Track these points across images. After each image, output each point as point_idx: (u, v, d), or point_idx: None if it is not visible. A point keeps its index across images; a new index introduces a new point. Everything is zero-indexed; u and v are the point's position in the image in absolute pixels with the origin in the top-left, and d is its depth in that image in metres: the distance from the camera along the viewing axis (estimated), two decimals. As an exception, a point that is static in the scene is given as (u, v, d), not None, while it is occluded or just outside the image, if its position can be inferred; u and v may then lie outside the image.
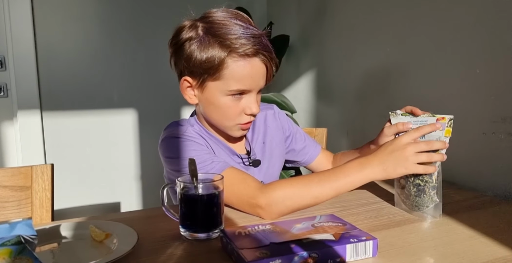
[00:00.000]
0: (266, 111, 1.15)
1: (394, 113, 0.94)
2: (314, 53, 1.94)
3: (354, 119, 1.72)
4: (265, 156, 1.09)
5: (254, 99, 0.94)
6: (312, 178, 0.88)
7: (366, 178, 0.86)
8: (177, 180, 0.79)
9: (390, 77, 1.50)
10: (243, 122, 0.96)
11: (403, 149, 0.84)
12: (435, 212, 0.90)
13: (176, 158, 0.94)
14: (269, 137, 1.12)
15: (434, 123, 0.86)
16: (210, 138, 1.02)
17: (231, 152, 1.03)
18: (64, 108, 2.00)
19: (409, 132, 0.87)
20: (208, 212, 0.80)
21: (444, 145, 0.85)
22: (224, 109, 0.94)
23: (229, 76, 0.89)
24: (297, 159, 1.20)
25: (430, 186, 0.88)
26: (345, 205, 1.00)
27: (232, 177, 0.90)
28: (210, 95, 0.94)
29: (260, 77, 0.93)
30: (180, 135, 0.96)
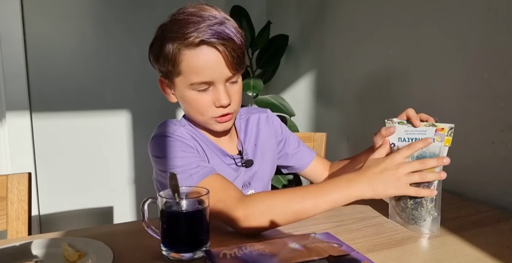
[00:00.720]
0: (260, 114, 1.12)
1: (390, 121, 0.87)
2: (314, 54, 1.88)
3: (354, 124, 1.65)
4: (255, 159, 1.06)
5: (221, 90, 0.90)
6: (295, 192, 0.83)
7: (353, 196, 0.80)
8: (158, 195, 0.73)
9: (393, 80, 1.43)
10: (217, 115, 0.92)
11: (394, 169, 0.80)
12: (432, 226, 0.84)
13: (163, 158, 0.90)
14: (261, 140, 1.08)
15: (426, 139, 0.81)
16: (201, 139, 0.98)
17: (223, 153, 0.99)
18: (55, 109, 1.94)
19: (401, 150, 0.82)
20: (192, 230, 0.74)
21: (438, 162, 0.80)
22: (193, 103, 0.92)
23: (186, 69, 0.88)
24: (290, 164, 1.15)
25: (428, 198, 0.83)
26: (342, 219, 0.93)
27: (214, 185, 0.84)
28: (179, 92, 0.93)
29: (218, 66, 0.88)
30: (170, 134, 0.93)
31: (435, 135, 0.82)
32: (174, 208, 0.73)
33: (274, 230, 0.83)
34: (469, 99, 1.15)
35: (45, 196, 1.95)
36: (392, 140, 0.87)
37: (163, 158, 0.90)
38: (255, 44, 1.91)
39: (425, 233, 0.84)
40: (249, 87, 1.72)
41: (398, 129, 0.86)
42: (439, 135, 0.81)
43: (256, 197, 0.83)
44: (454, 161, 0.79)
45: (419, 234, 0.84)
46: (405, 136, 0.85)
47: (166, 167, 0.89)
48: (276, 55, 1.91)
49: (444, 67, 1.23)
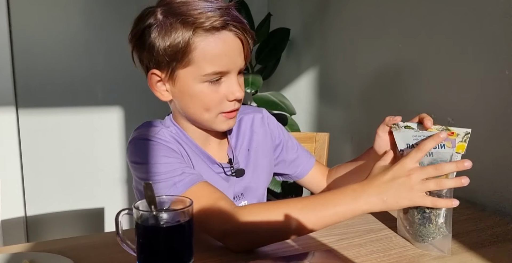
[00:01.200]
0: (254, 115, 1.00)
1: (396, 126, 0.77)
2: (317, 48, 1.78)
3: (359, 123, 1.55)
4: (248, 166, 0.95)
5: (235, 80, 0.81)
6: (294, 205, 0.73)
7: (360, 210, 0.71)
8: (134, 206, 0.63)
9: (401, 76, 1.33)
10: (226, 110, 0.82)
11: (406, 177, 0.69)
12: (442, 246, 0.74)
13: (143, 164, 0.80)
14: (255, 144, 0.97)
15: (438, 134, 0.70)
16: (186, 143, 0.87)
17: (210, 160, 0.88)
18: (43, 105, 1.85)
19: (410, 153, 0.71)
20: (173, 246, 0.64)
21: (458, 166, 0.69)
22: (202, 98, 0.80)
23: (200, 58, 0.77)
24: (287, 172, 1.04)
25: (437, 213, 0.73)
26: (345, 231, 0.83)
27: (202, 195, 0.75)
28: (183, 86, 0.80)
29: (236, 53, 0.80)
30: (151, 137, 0.82)
31: (445, 141, 0.71)
32: (151, 221, 0.64)
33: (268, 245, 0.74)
34: (487, 98, 1.05)
35: (32, 197, 1.87)
36: (400, 146, 0.77)
37: (142, 164, 0.80)
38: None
39: (433, 252, 0.74)
40: (248, 83, 1.62)
41: (405, 134, 0.76)
42: (449, 141, 0.71)
43: (250, 209, 0.74)
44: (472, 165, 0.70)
45: (420, 249, 0.75)
46: (413, 142, 0.75)
47: (146, 174, 0.79)
48: (276, 49, 1.81)
49: (459, 63, 1.12)
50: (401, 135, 0.77)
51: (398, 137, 0.77)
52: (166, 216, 0.64)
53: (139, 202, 0.64)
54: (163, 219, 0.64)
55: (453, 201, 0.69)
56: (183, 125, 0.88)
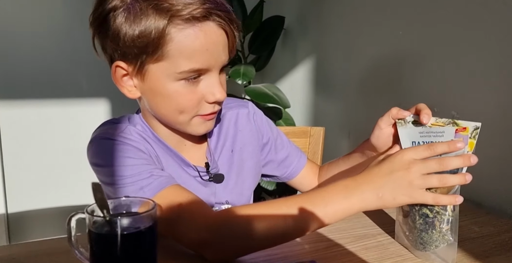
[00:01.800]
0: (239, 110, 0.89)
1: (402, 121, 0.68)
2: (314, 37, 1.69)
3: (357, 117, 1.46)
4: (232, 169, 0.85)
5: (216, 79, 0.70)
6: (279, 206, 0.63)
7: (354, 208, 0.62)
8: (85, 211, 0.55)
9: (402, 66, 1.23)
10: (205, 112, 0.72)
11: (405, 170, 0.60)
12: (446, 255, 0.64)
13: (105, 167, 0.71)
14: (240, 144, 0.86)
15: (454, 141, 0.60)
16: (156, 143, 0.77)
17: (184, 163, 0.78)
18: (24, 97, 1.77)
19: (416, 147, 0.62)
20: (131, 256, 0.56)
21: (465, 162, 0.60)
22: (176, 99, 0.70)
23: (175, 52, 0.66)
24: (276, 174, 0.95)
25: (442, 219, 0.63)
26: (336, 237, 0.75)
27: (173, 200, 0.66)
28: (154, 84, 0.69)
29: (219, 48, 0.69)
30: (115, 136, 0.72)
31: (455, 137, 0.62)
32: (106, 228, 0.55)
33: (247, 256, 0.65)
34: (495, 89, 0.95)
35: (13, 193, 1.81)
36: (404, 144, 0.68)
37: (105, 167, 0.70)
38: (246, 26, 1.71)
39: (436, 262, 0.65)
40: (239, 74, 1.52)
41: (411, 130, 0.67)
42: (460, 137, 0.61)
43: (229, 214, 0.65)
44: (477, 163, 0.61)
45: (420, 258, 0.67)
46: (420, 140, 0.66)
47: (110, 178, 0.69)
48: (270, 39, 1.71)
49: (464, 51, 1.03)
50: (407, 132, 0.67)
51: (403, 133, 0.68)
52: (124, 221, 0.55)
53: (89, 208, 0.55)
54: (119, 226, 0.55)
55: (456, 197, 0.60)
56: (153, 125, 0.77)
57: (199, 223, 0.63)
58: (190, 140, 0.80)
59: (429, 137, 0.63)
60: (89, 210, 0.55)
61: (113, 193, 0.70)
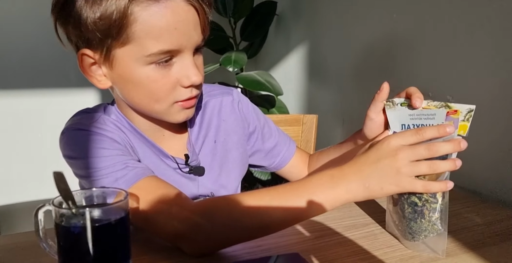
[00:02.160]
0: (222, 98, 0.84)
1: (391, 102, 0.64)
2: (307, 23, 1.63)
3: (351, 104, 1.42)
4: (216, 160, 0.80)
5: (190, 61, 0.65)
6: (261, 196, 0.59)
7: (340, 200, 0.58)
8: (52, 203, 0.52)
9: (397, 51, 1.19)
10: (182, 98, 0.67)
11: (392, 157, 0.56)
12: (436, 246, 0.61)
13: (78, 159, 0.67)
14: (224, 134, 0.82)
15: (444, 125, 0.56)
16: (133, 133, 0.73)
17: (163, 153, 0.74)
18: (7, 87, 1.72)
19: (403, 132, 0.58)
20: (102, 249, 0.52)
21: (454, 147, 0.55)
22: (148, 85, 0.65)
23: (141, 33, 0.61)
24: (264, 164, 0.90)
25: (431, 207, 0.60)
26: (324, 227, 0.71)
27: (148, 191, 0.63)
28: (124, 70, 0.64)
29: (190, 26, 0.64)
30: (88, 126, 0.68)
31: (446, 120, 0.58)
32: (73, 221, 0.51)
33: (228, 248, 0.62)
34: (491, 75, 0.91)
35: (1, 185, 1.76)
36: (394, 127, 0.64)
37: (78, 159, 0.67)
38: (237, 11, 1.66)
39: (426, 253, 0.62)
40: (230, 61, 1.48)
41: (400, 113, 0.63)
42: (451, 120, 0.58)
43: (208, 205, 0.62)
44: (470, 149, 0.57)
45: (410, 249, 0.64)
46: (410, 122, 0.62)
47: (84, 170, 0.66)
48: (262, 25, 1.66)
49: (460, 34, 0.98)
50: (396, 114, 0.63)
51: (392, 116, 0.64)
52: (91, 213, 0.51)
53: (56, 200, 0.52)
54: (87, 218, 0.51)
55: (447, 183, 0.56)
56: (128, 114, 0.73)
57: (175, 215, 0.60)
58: (169, 129, 0.76)
59: (419, 119, 0.60)
60: (56, 202, 0.52)
61: (89, 186, 0.66)
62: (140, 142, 0.73)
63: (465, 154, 0.57)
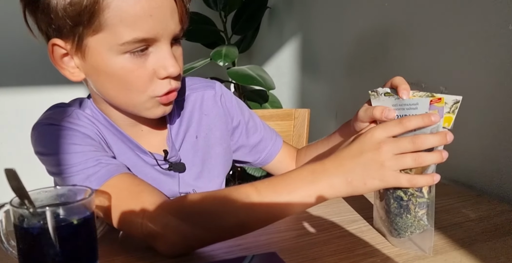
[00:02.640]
0: (204, 92, 0.80)
1: (375, 93, 0.60)
2: (300, 15, 1.59)
3: (344, 97, 1.38)
4: (197, 156, 0.77)
5: (167, 51, 0.61)
6: (238, 193, 0.56)
7: (321, 196, 0.54)
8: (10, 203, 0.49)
9: (389, 41, 1.15)
10: (160, 93, 0.63)
11: (376, 150, 0.52)
12: (423, 243, 0.58)
13: (49, 155, 0.64)
14: (205, 129, 0.79)
15: (428, 114, 0.52)
16: (108, 128, 0.69)
17: (140, 149, 0.71)
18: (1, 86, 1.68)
19: (386, 123, 0.54)
20: (63, 253, 0.49)
21: (441, 140, 0.52)
22: (123, 76, 0.61)
23: (114, 20, 0.57)
24: (249, 160, 0.87)
25: (417, 202, 0.56)
26: (306, 225, 0.68)
27: (121, 189, 0.60)
28: (96, 60, 0.60)
29: (166, 14, 0.60)
30: (59, 121, 0.65)
31: (430, 109, 0.54)
32: (32, 221, 0.48)
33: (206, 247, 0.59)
34: (487, 62, 0.87)
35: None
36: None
37: (49, 156, 0.63)
38: (228, 4, 1.62)
39: (412, 250, 0.58)
40: (220, 55, 1.44)
41: (384, 103, 0.59)
42: (435, 109, 0.54)
43: (183, 203, 0.58)
44: (465, 141, 0.53)
45: (396, 246, 0.60)
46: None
47: (55, 167, 0.62)
48: (254, 18, 1.62)
49: (454, 20, 0.94)
50: (380, 104, 0.60)
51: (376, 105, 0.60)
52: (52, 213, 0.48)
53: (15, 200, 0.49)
54: (49, 218, 0.48)
55: (434, 176, 0.53)
56: (104, 109, 0.69)
57: (148, 214, 0.57)
58: (147, 124, 0.73)
59: (402, 110, 0.56)
60: (14, 202, 0.49)
61: (61, 184, 0.63)
62: (115, 138, 0.69)
63: (459, 147, 0.54)
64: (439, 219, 0.67)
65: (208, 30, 1.65)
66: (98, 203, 0.60)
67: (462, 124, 0.90)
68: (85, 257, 0.50)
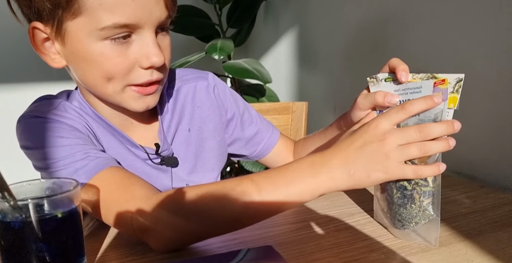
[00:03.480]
0: (196, 83, 0.77)
1: (374, 79, 0.58)
2: (296, 7, 1.56)
3: (343, 90, 1.36)
4: (190, 150, 0.74)
5: (152, 39, 0.58)
6: (233, 186, 0.53)
7: (321, 188, 0.51)
8: (-11, 196, 0.46)
9: (387, 31, 1.12)
10: (136, 81, 0.60)
11: (380, 141, 0.49)
12: (428, 234, 0.55)
13: (36, 149, 0.61)
14: (198, 122, 0.76)
15: (431, 96, 0.50)
16: (97, 121, 0.66)
17: (130, 143, 0.68)
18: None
19: (389, 111, 0.51)
20: (47, 248, 0.46)
21: (448, 129, 0.49)
22: (102, 63, 0.58)
23: (94, 3, 0.54)
24: (244, 153, 0.84)
25: (422, 191, 0.54)
26: (305, 218, 0.66)
27: (111, 183, 0.57)
28: (76, 46, 0.57)
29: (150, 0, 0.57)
30: (45, 113, 0.62)
31: (434, 92, 0.52)
32: (13, 215, 0.46)
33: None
34: (490, 47, 0.85)
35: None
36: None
37: (35, 150, 0.61)
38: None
39: (417, 242, 0.56)
40: (215, 49, 1.41)
41: (384, 89, 0.57)
42: (439, 91, 0.51)
43: (176, 197, 0.55)
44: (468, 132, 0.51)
45: (400, 238, 0.58)
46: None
47: (42, 162, 0.60)
48: (249, 11, 1.59)
49: (454, 10, 0.92)
50: (380, 89, 0.57)
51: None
52: (34, 206, 0.46)
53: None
54: (31, 211, 0.46)
55: (440, 165, 0.50)
56: (92, 100, 0.66)
57: (139, 208, 0.54)
58: (138, 117, 0.70)
59: (405, 94, 0.54)
60: (-5, 196, 0.46)
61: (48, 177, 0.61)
62: (105, 131, 0.66)
63: (462, 138, 0.51)
64: (443, 211, 0.64)
65: (203, 24, 1.62)
66: (86, 197, 0.57)
67: (465, 115, 0.88)
68: (71, 253, 0.48)
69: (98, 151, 0.61)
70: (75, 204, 0.48)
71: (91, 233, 0.63)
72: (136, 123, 0.70)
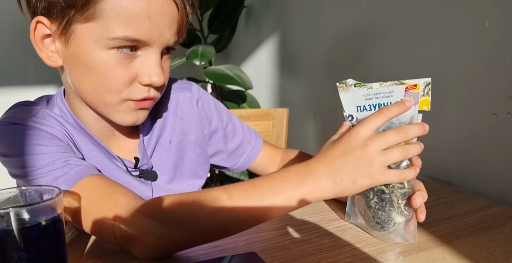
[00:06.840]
0: (179, 94, 0.77)
1: (343, 84, 0.59)
2: (277, 14, 1.58)
3: (323, 96, 1.37)
4: (169, 162, 0.74)
5: (157, 58, 0.59)
6: (218, 194, 0.53)
7: (307, 198, 0.52)
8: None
9: (366, 39, 1.15)
10: (135, 97, 0.60)
11: (363, 148, 0.51)
12: (407, 233, 0.58)
13: (13, 157, 0.59)
14: (180, 134, 0.76)
15: (402, 101, 0.54)
16: (77, 130, 0.65)
17: (110, 154, 0.67)
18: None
19: (367, 119, 0.53)
20: (28, 258, 0.46)
21: (420, 129, 0.53)
22: (103, 72, 0.57)
23: (111, 13, 0.54)
24: (227, 165, 0.85)
25: (399, 193, 0.56)
26: (286, 224, 0.66)
27: (92, 191, 0.56)
28: (80, 49, 0.57)
29: (165, 21, 0.57)
30: (23, 120, 0.61)
31: (405, 96, 0.55)
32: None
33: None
34: (466, 57, 0.88)
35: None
36: (348, 110, 0.59)
37: (12, 157, 0.59)
38: (204, 2, 1.60)
39: (397, 242, 0.58)
40: (197, 54, 1.41)
41: (354, 94, 0.59)
42: (411, 96, 0.54)
43: (160, 205, 0.54)
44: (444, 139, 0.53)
45: (380, 239, 0.60)
46: (365, 103, 0.58)
47: (20, 170, 0.58)
48: (230, 17, 1.60)
49: (433, 18, 0.95)
50: (350, 96, 0.59)
51: (346, 98, 0.59)
52: (14, 214, 0.45)
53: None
54: (11, 220, 0.45)
55: (416, 168, 0.55)
56: (76, 107, 0.65)
57: (122, 216, 0.54)
58: (120, 129, 0.70)
59: (376, 99, 0.55)
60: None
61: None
62: (85, 139, 0.65)
63: (437, 144, 0.53)
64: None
65: (184, 29, 1.62)
66: (67, 205, 0.57)
67: (440, 122, 0.90)
68: (54, 262, 0.47)
69: (79, 159, 0.61)
70: (57, 211, 0.47)
71: (72, 241, 0.62)
72: (119, 134, 0.70)
